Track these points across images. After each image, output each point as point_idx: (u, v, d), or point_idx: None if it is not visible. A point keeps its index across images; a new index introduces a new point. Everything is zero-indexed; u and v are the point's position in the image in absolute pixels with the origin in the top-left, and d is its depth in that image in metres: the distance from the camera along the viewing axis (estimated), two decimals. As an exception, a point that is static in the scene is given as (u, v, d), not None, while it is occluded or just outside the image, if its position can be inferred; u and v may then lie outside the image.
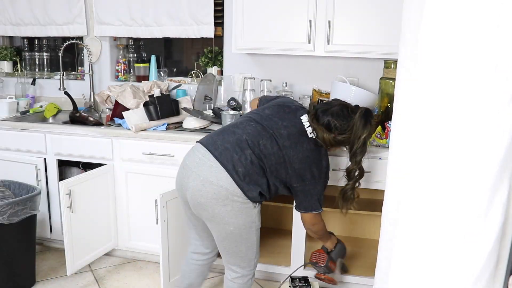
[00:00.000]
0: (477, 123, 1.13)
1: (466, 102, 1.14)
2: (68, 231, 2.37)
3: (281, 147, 1.85)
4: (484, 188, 1.15)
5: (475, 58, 1.11)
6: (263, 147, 1.84)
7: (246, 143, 1.84)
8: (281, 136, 1.86)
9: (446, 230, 1.22)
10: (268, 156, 1.84)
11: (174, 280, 2.29)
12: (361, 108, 1.94)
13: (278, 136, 1.86)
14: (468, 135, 1.15)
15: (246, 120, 1.94)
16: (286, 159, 1.86)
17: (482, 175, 1.15)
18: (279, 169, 1.87)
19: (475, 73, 1.12)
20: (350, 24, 2.43)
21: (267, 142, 1.85)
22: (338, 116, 1.90)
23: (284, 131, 1.87)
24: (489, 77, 1.10)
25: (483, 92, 1.11)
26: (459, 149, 1.17)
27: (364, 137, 1.90)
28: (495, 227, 1.17)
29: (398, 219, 1.36)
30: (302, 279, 2.30)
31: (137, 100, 2.71)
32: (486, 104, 1.11)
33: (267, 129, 1.87)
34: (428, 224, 1.25)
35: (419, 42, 1.23)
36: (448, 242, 1.22)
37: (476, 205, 1.17)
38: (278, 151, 1.85)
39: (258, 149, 1.84)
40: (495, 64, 1.09)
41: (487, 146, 1.13)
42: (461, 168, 1.17)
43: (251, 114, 1.98)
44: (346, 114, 1.91)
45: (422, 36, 1.21)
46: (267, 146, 1.85)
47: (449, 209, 1.21)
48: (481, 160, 1.14)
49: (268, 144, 1.85)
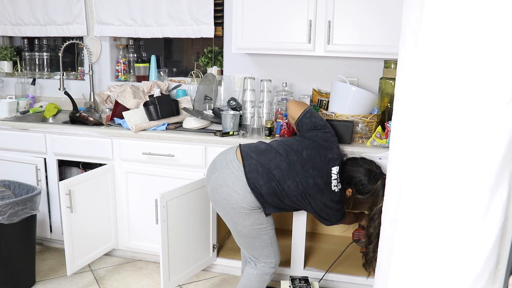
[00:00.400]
0: (477, 123, 1.13)
1: (466, 102, 1.14)
2: (68, 231, 2.37)
3: (303, 193, 2.00)
4: (484, 188, 1.15)
5: (475, 58, 1.11)
6: (287, 187, 1.99)
7: (274, 177, 1.98)
8: (307, 184, 2.00)
9: (446, 230, 1.22)
10: (289, 197, 2.00)
11: (174, 280, 2.29)
12: (383, 178, 2.02)
13: (303, 184, 1.99)
14: (468, 135, 1.15)
15: (284, 153, 2.02)
16: (305, 203, 2.03)
17: (482, 175, 1.15)
18: (298, 207, 2.07)
19: (475, 73, 1.12)
20: (350, 24, 2.43)
21: (292, 184, 1.99)
22: (360, 181, 2.05)
23: (311, 180, 2.00)
24: (489, 77, 1.10)
25: (483, 92, 1.11)
26: (459, 148, 1.17)
27: (382, 205, 1.93)
28: (495, 227, 1.17)
29: (398, 219, 1.36)
30: (302, 279, 2.30)
31: (137, 100, 2.71)
32: (486, 104, 1.11)
33: (297, 175, 1.99)
34: (428, 224, 1.25)
35: (419, 42, 1.23)
36: (448, 241, 1.22)
37: (476, 205, 1.17)
38: (298, 195, 2.00)
39: (282, 187, 1.98)
40: (495, 64, 1.09)
41: (487, 146, 1.13)
42: (461, 167, 1.17)
43: (291, 147, 2.05)
44: (369, 180, 2.05)
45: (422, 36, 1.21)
46: (291, 188, 1.99)
47: (449, 209, 1.21)
48: (481, 160, 1.14)
49: (293, 187, 1.99)
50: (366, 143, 2.35)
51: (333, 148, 2.07)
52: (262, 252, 2.09)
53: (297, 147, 2.04)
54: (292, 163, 1.99)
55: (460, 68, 1.14)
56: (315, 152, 2.03)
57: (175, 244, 2.26)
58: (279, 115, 2.46)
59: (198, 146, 2.47)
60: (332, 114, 2.45)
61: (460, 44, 1.13)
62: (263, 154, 2.01)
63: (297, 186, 1.98)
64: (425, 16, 1.19)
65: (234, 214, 1.98)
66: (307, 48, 2.51)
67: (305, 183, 1.99)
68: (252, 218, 1.99)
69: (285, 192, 1.98)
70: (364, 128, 2.41)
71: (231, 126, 2.47)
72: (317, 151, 2.03)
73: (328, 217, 2.09)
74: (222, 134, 2.44)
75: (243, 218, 1.98)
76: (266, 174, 1.96)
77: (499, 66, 1.08)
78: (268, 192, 1.96)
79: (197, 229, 2.41)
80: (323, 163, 2.02)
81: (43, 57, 3.42)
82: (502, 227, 1.19)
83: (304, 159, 2.01)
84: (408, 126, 1.31)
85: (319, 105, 2.73)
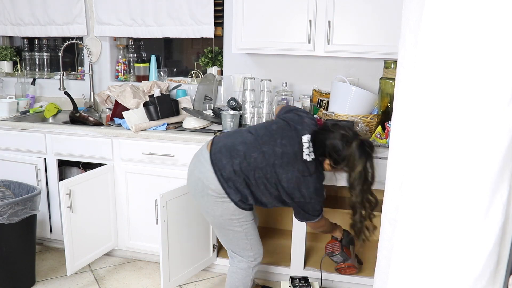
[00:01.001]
0: (477, 123, 1.13)
1: (466, 102, 1.14)
2: (68, 231, 2.37)
3: (271, 164, 1.88)
4: (484, 188, 1.15)
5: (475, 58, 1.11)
6: (253, 160, 1.89)
7: (238, 152, 1.91)
8: (275, 153, 1.89)
9: (446, 230, 1.22)
10: (256, 170, 1.89)
11: (174, 280, 2.29)
12: (357, 139, 1.87)
13: (270, 153, 1.89)
14: (468, 135, 1.15)
15: (253, 130, 1.99)
16: (275, 177, 1.89)
17: (482, 175, 1.15)
18: (268, 185, 1.91)
19: (475, 73, 1.12)
20: (350, 24, 2.43)
21: (259, 156, 1.89)
22: (334, 147, 1.87)
23: (279, 149, 1.89)
24: (489, 77, 1.10)
25: (483, 92, 1.11)
26: (459, 149, 1.17)
27: (360, 170, 1.85)
28: (495, 227, 1.17)
29: (398, 219, 1.36)
30: (302, 279, 2.30)
31: (137, 100, 2.71)
32: (486, 104, 1.11)
33: (263, 145, 1.91)
34: (428, 224, 1.25)
35: (418, 42, 1.23)
36: (448, 242, 1.22)
37: (476, 205, 1.17)
38: (267, 167, 1.88)
39: (247, 161, 1.89)
40: (495, 64, 1.09)
41: (487, 146, 1.13)
42: (461, 168, 1.17)
43: (261, 125, 2.06)
44: (343, 145, 1.86)
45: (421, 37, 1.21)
46: (257, 160, 1.89)
47: (449, 209, 1.20)
48: (481, 160, 1.14)
49: (259, 159, 1.89)
50: (366, 143, 2.35)
51: (304, 119, 1.98)
52: (238, 245, 2.05)
53: (267, 124, 2.04)
54: (259, 136, 1.93)
55: (460, 68, 1.14)
56: (285, 124, 1.96)
57: (175, 244, 2.25)
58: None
59: (198, 146, 2.46)
60: (332, 114, 2.45)
61: (460, 44, 1.13)
62: (232, 135, 2.02)
63: (263, 157, 1.88)
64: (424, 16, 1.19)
65: (205, 203, 1.97)
66: (307, 48, 2.51)
67: (273, 152, 1.88)
68: (222, 208, 1.93)
69: (252, 166, 1.88)
70: (364, 128, 2.41)
71: (231, 126, 2.47)
72: (286, 123, 1.96)
73: (304, 206, 1.93)
74: (222, 134, 2.44)
75: (213, 206, 1.95)
76: (229, 152, 1.90)
77: (499, 66, 1.08)
78: (232, 170, 1.88)
79: (197, 229, 2.41)
80: (293, 133, 1.92)
81: (43, 57, 3.42)
82: (503, 227, 1.19)
83: (273, 131, 1.94)
84: (408, 126, 1.31)
85: (319, 105, 2.72)
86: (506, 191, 1.16)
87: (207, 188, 1.93)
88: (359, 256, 2.47)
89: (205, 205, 1.99)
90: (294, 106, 2.20)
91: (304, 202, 1.92)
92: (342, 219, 2.87)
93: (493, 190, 1.15)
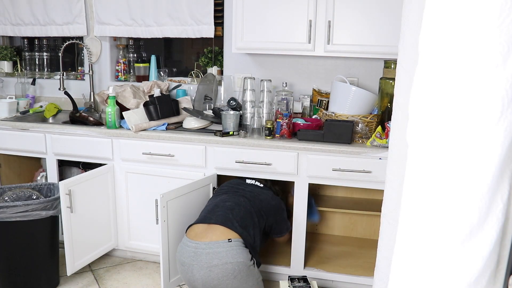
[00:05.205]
0: (477, 123, 1.13)
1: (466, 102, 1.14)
2: (68, 231, 2.38)
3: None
4: (484, 188, 1.15)
5: (475, 58, 1.11)
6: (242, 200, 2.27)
7: (226, 202, 2.21)
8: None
9: (446, 230, 1.22)
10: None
11: (174, 280, 2.29)
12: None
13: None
14: (468, 135, 1.15)
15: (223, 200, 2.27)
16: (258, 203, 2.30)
17: (482, 174, 1.15)
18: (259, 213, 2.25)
19: (475, 73, 1.12)
20: (350, 24, 2.43)
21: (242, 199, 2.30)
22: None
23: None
24: (489, 78, 1.10)
25: (483, 92, 1.11)
26: (459, 148, 1.17)
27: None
28: (495, 227, 1.17)
29: (398, 219, 1.36)
30: (301, 279, 2.30)
31: (137, 100, 2.71)
32: (486, 104, 1.11)
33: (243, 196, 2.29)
34: (427, 224, 1.25)
35: (418, 42, 1.23)
36: (448, 241, 1.22)
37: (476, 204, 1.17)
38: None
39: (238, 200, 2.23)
40: (495, 64, 1.09)
41: (487, 146, 1.13)
42: (461, 167, 1.17)
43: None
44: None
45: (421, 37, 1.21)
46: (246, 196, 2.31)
47: (449, 209, 1.21)
48: (482, 160, 1.14)
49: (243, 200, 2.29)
50: (366, 143, 2.35)
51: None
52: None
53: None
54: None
55: (460, 68, 1.14)
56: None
57: (175, 244, 2.25)
58: (279, 115, 2.46)
59: (198, 146, 2.47)
60: (332, 114, 2.45)
61: (460, 44, 1.13)
62: (209, 212, 2.21)
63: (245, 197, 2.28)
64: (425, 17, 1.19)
65: (238, 282, 2.01)
66: (307, 48, 2.51)
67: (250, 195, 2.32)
68: (252, 278, 2.06)
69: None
70: (364, 128, 2.41)
71: (231, 126, 2.47)
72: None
73: (278, 219, 2.35)
74: (222, 134, 2.44)
75: (246, 281, 2.03)
76: (227, 210, 2.16)
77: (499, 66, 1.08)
78: (240, 210, 2.18)
79: (197, 229, 2.41)
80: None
81: (43, 57, 3.42)
82: (502, 227, 1.19)
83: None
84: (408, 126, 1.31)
85: (319, 105, 2.73)
86: (506, 191, 1.16)
87: (237, 262, 2.00)
88: (359, 256, 2.45)
89: (238, 283, 2.02)
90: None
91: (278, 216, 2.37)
92: (340, 219, 2.87)
93: (493, 189, 1.15)
